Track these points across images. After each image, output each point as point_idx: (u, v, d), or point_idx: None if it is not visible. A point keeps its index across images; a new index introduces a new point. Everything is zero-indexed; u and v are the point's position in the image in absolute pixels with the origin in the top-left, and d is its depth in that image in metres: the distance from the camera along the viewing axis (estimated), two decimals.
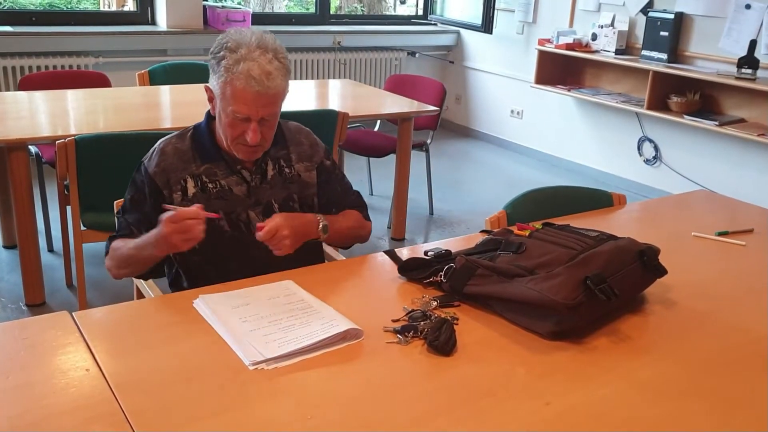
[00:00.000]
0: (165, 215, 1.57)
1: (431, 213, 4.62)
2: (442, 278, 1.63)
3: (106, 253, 1.80)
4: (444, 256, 1.69)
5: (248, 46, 1.67)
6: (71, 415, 1.18)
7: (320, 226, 1.81)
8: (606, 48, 5.11)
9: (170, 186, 1.78)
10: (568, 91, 5.34)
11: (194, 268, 1.83)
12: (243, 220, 1.82)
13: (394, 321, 1.51)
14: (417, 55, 6.44)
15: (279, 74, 1.68)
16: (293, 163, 1.88)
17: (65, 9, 5.59)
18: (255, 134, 1.71)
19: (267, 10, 7.14)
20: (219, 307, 1.52)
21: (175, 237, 1.56)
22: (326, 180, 1.94)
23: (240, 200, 1.81)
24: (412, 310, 1.54)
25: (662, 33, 4.75)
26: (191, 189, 1.78)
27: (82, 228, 2.92)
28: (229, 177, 1.81)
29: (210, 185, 1.79)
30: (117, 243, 1.78)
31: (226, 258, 1.81)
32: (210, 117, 1.82)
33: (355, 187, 2.07)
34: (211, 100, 1.77)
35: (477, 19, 6.07)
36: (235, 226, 1.81)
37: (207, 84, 1.77)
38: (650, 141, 5.14)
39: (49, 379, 1.28)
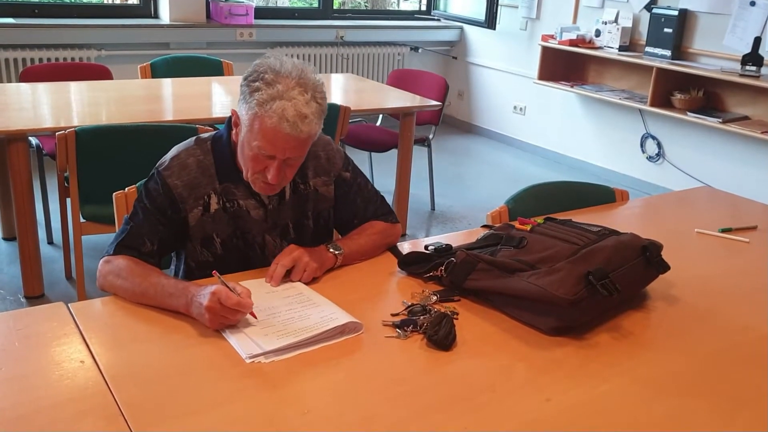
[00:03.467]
0: (216, 289, 1.41)
1: (433, 208, 4.60)
2: (443, 272, 1.62)
3: (105, 254, 1.67)
4: (445, 251, 1.68)
5: (287, 81, 1.54)
6: (65, 407, 1.17)
7: (330, 249, 1.72)
8: (609, 44, 5.08)
9: (191, 201, 1.68)
10: (571, 87, 5.32)
11: (199, 274, 1.75)
12: (258, 243, 1.75)
13: (393, 315, 1.50)
14: (420, 50, 6.42)
15: (314, 118, 1.56)
16: (309, 179, 1.79)
17: (68, 1, 5.56)
18: (277, 173, 1.59)
19: (270, 4, 7.12)
20: None
21: (212, 315, 1.40)
22: (345, 193, 1.84)
23: (257, 223, 1.74)
24: (412, 305, 1.53)
25: (666, 29, 4.72)
26: (214, 205, 1.70)
27: (82, 220, 2.91)
28: (247, 199, 1.73)
29: (228, 204, 1.71)
30: (126, 262, 1.61)
31: (234, 270, 1.71)
32: (230, 131, 1.71)
33: None
34: (236, 125, 1.65)
35: (480, 15, 6.05)
36: (249, 246, 1.75)
37: (234, 109, 1.65)
38: (653, 138, 5.11)
39: (43, 371, 1.27)
